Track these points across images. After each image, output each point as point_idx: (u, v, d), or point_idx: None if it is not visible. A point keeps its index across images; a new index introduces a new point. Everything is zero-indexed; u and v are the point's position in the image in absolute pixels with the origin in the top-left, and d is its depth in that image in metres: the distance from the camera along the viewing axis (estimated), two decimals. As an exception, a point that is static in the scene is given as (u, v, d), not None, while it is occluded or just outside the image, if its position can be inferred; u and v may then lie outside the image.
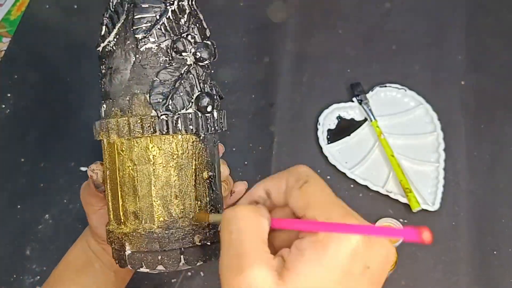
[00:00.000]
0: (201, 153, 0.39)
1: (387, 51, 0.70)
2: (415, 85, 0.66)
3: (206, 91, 0.40)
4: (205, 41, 0.40)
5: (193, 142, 0.39)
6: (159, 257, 0.38)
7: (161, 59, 0.38)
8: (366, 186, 0.58)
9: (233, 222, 0.28)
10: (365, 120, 0.64)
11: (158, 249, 0.38)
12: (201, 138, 0.39)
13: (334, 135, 0.63)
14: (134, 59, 0.38)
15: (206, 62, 0.40)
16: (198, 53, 0.39)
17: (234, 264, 0.26)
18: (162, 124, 0.37)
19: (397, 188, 0.59)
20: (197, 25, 0.40)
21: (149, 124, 0.37)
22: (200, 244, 0.38)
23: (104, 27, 0.40)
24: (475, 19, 0.72)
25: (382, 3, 0.74)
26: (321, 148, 0.62)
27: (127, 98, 0.38)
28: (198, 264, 0.38)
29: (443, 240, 0.56)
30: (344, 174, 0.60)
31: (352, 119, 0.65)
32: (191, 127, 0.38)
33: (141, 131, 0.37)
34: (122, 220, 0.39)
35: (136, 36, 0.38)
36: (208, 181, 0.40)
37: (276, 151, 0.62)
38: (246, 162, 0.63)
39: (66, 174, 0.62)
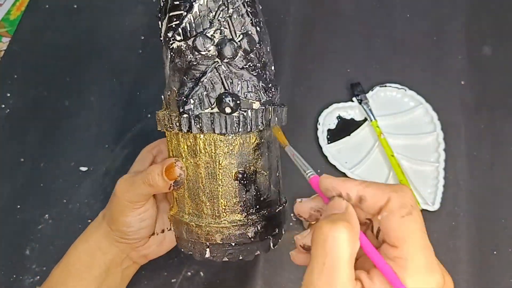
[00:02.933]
0: (228, 153, 0.38)
1: (387, 51, 0.70)
2: (415, 85, 0.66)
3: (231, 90, 0.37)
4: (228, 37, 0.37)
5: (216, 142, 0.38)
6: (189, 244, 0.40)
7: (188, 57, 0.38)
8: (366, 186, 0.58)
9: (331, 244, 0.26)
10: (365, 120, 0.64)
11: (185, 238, 0.40)
12: (228, 138, 0.38)
13: (334, 135, 0.63)
14: (169, 57, 0.39)
15: (228, 59, 0.37)
16: (219, 50, 0.37)
17: None
18: (184, 122, 0.38)
19: (397, 188, 0.59)
20: (234, 17, 0.37)
21: (176, 121, 0.38)
22: (221, 243, 0.39)
23: (159, 21, 0.40)
24: (475, 19, 0.72)
25: (382, 3, 0.75)
26: (321, 148, 0.62)
27: (168, 93, 0.39)
28: (223, 259, 0.39)
29: (443, 240, 0.56)
30: (344, 174, 0.60)
31: (352, 119, 0.65)
32: (212, 127, 0.37)
33: (171, 126, 0.39)
34: (171, 204, 0.43)
35: (168, 34, 0.38)
36: (238, 181, 0.38)
37: (276, 151, 0.62)
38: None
39: (66, 174, 0.62)
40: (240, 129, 0.37)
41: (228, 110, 0.37)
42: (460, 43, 0.70)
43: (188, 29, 0.37)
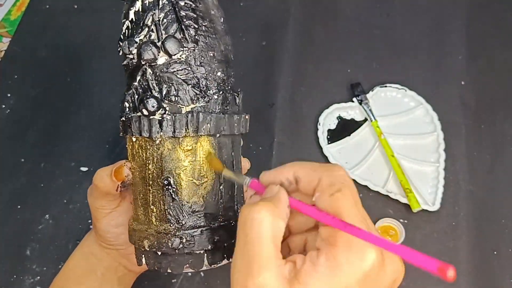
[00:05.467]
0: (156, 158, 0.37)
1: (387, 51, 0.70)
2: (415, 85, 0.66)
3: (156, 94, 0.36)
4: (147, 40, 0.37)
5: (146, 145, 0.37)
6: (134, 249, 0.40)
7: (126, 61, 0.38)
8: (366, 186, 0.59)
9: (250, 224, 0.27)
10: (365, 120, 0.64)
11: (131, 242, 0.40)
12: (156, 142, 0.37)
13: (334, 135, 0.63)
14: (123, 62, 0.39)
15: (148, 62, 0.36)
16: (138, 52, 0.36)
17: (245, 269, 0.27)
18: (121, 125, 0.39)
19: (397, 188, 0.59)
20: (164, 22, 0.37)
21: (120, 125, 0.39)
22: (148, 250, 0.37)
23: None
24: (475, 19, 0.72)
25: (382, 3, 0.75)
26: (321, 148, 0.62)
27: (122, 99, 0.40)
28: (155, 269, 0.38)
29: (443, 240, 0.56)
30: (344, 174, 0.60)
31: (352, 119, 0.65)
32: (139, 130, 0.37)
33: (119, 130, 0.39)
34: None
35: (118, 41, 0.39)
36: (165, 188, 0.37)
37: (276, 151, 0.62)
38: (246, 162, 0.63)
39: (66, 174, 0.62)
40: (162, 133, 0.36)
41: (145, 112, 0.36)
42: (460, 43, 0.70)
43: (126, 35, 0.38)
